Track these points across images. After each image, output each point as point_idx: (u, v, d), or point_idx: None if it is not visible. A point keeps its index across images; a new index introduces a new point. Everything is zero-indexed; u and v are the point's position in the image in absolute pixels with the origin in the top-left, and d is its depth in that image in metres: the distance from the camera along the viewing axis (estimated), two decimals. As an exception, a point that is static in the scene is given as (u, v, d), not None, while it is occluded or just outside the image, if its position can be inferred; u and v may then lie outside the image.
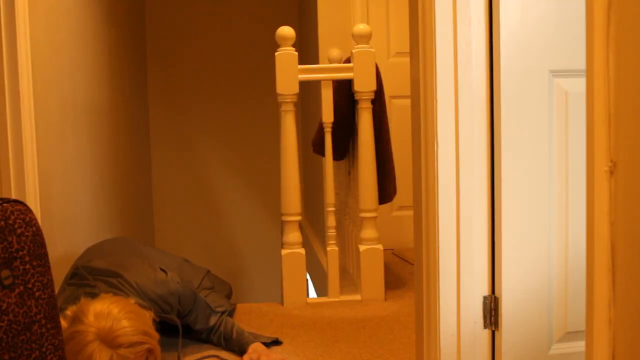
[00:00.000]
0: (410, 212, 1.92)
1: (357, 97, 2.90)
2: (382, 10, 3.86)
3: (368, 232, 2.90)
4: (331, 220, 2.95)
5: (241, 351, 2.31)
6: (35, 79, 2.45)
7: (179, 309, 2.25)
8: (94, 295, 1.98)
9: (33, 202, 2.38)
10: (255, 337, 2.38)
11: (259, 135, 5.63)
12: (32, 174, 2.40)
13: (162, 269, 2.26)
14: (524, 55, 1.67)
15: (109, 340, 1.73)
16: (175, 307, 2.22)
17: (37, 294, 1.77)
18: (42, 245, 1.81)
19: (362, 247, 2.89)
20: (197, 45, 5.60)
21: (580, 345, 1.26)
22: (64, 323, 1.77)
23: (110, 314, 1.77)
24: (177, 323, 2.21)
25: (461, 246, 1.71)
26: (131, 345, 1.74)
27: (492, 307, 1.73)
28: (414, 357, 2.07)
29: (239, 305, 2.85)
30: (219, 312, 2.38)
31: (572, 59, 1.68)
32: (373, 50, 2.88)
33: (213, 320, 2.35)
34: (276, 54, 2.84)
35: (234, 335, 2.34)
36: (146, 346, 1.78)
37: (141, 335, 1.78)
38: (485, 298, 1.73)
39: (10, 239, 1.72)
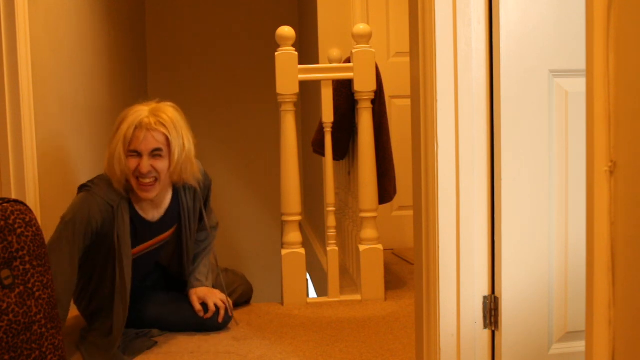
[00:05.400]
0: (410, 212, 1.92)
1: (357, 97, 2.90)
2: (382, 10, 3.86)
3: (368, 232, 2.90)
4: (331, 220, 2.95)
5: (198, 277, 2.57)
6: (35, 79, 2.45)
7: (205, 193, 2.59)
8: None
9: (33, 202, 2.38)
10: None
11: (259, 135, 5.63)
12: (32, 174, 2.40)
13: None
14: (524, 55, 1.67)
15: (153, 109, 2.25)
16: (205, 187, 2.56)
17: (37, 294, 1.77)
18: (42, 245, 1.82)
19: (362, 247, 2.89)
20: (197, 45, 5.61)
21: (580, 345, 1.26)
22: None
23: (170, 104, 2.31)
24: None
25: (461, 246, 1.71)
26: (161, 122, 2.20)
27: (492, 307, 1.73)
28: (414, 357, 2.07)
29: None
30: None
31: (572, 59, 1.68)
32: (373, 50, 2.88)
33: (214, 221, 2.68)
34: (276, 54, 2.84)
35: (208, 268, 2.62)
36: (165, 132, 2.22)
37: (173, 127, 2.23)
38: (485, 298, 1.73)
39: (10, 239, 1.72)
